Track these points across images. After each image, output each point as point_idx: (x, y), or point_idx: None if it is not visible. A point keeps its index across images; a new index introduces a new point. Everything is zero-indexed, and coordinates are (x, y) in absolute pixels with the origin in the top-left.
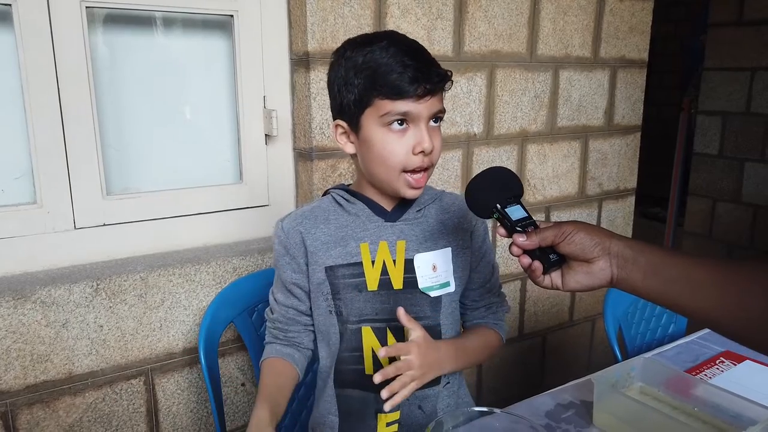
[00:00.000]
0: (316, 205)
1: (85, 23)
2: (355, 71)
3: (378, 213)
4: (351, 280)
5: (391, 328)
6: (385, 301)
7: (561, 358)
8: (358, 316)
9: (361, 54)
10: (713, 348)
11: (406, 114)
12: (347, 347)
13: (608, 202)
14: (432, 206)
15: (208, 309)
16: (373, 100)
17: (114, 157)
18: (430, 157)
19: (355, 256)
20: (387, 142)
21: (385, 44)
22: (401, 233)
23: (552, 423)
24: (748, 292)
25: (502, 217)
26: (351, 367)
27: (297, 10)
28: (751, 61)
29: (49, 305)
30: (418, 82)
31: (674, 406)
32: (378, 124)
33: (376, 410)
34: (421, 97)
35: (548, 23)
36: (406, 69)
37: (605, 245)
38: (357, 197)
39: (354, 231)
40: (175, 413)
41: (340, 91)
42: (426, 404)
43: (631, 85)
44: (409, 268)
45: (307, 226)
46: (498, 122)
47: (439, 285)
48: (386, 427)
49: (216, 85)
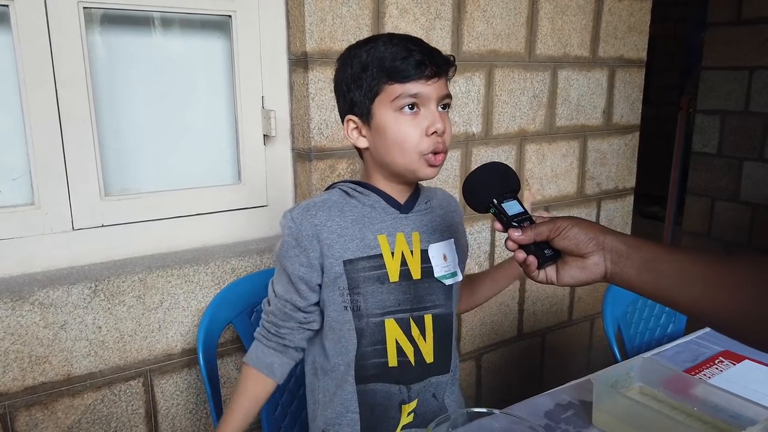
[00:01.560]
0: (326, 197)
1: (82, 24)
2: (362, 66)
3: (392, 205)
4: (372, 273)
5: (414, 318)
6: (407, 292)
7: (560, 358)
8: (380, 309)
9: (364, 51)
10: (712, 348)
11: (416, 96)
12: (369, 342)
13: (607, 202)
14: (434, 200)
15: (207, 310)
16: (383, 87)
17: (112, 157)
18: (443, 138)
19: (374, 248)
20: (401, 126)
21: (387, 38)
22: (415, 225)
23: (551, 423)
24: (741, 288)
25: (499, 212)
26: (373, 361)
27: (295, 11)
28: (749, 60)
29: (48, 307)
30: (425, 65)
31: (673, 406)
32: (390, 109)
33: (400, 402)
34: (429, 78)
35: (547, 23)
36: (412, 53)
37: (599, 240)
38: (369, 189)
39: (371, 223)
40: (174, 414)
41: (349, 89)
42: (439, 392)
43: (629, 85)
44: (425, 258)
45: (322, 218)
46: (497, 122)
47: (450, 274)
48: (407, 416)
49: (214, 86)
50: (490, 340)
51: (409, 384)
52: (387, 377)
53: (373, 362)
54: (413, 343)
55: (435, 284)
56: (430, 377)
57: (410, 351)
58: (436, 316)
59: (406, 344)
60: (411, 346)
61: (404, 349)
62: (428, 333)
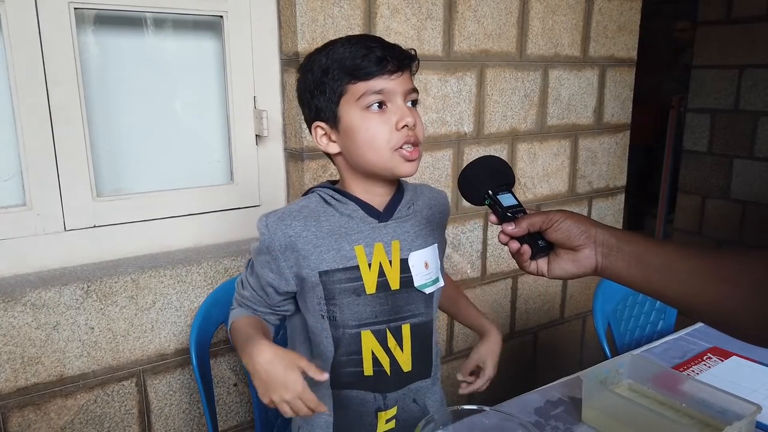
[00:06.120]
0: (303, 204)
1: (73, 24)
2: (322, 70)
3: (371, 214)
4: (348, 285)
5: (391, 329)
6: (384, 303)
7: (552, 356)
8: (356, 320)
9: (323, 55)
10: (701, 344)
11: (381, 92)
12: (345, 351)
13: (598, 200)
14: (419, 201)
15: (200, 310)
16: (346, 87)
17: (104, 158)
18: (415, 131)
19: (350, 259)
20: (369, 125)
21: (345, 40)
22: (395, 233)
23: (541, 420)
24: (730, 282)
25: (494, 204)
26: (349, 369)
27: (287, 11)
28: (739, 58)
29: (40, 307)
30: (386, 60)
31: (662, 402)
32: (357, 108)
33: (376, 409)
34: (392, 72)
35: (537, 23)
36: (372, 50)
37: (591, 233)
38: (347, 197)
39: (348, 233)
40: (167, 414)
41: (313, 95)
42: (419, 397)
43: (620, 84)
44: (404, 267)
45: (297, 229)
46: (488, 121)
47: (431, 281)
48: (385, 423)
49: (206, 86)
50: None
51: (384, 392)
52: (362, 385)
53: (349, 371)
54: (389, 354)
55: (414, 294)
56: (409, 384)
57: (386, 361)
58: (415, 325)
59: (382, 355)
60: (387, 357)
61: (380, 359)
62: (406, 343)
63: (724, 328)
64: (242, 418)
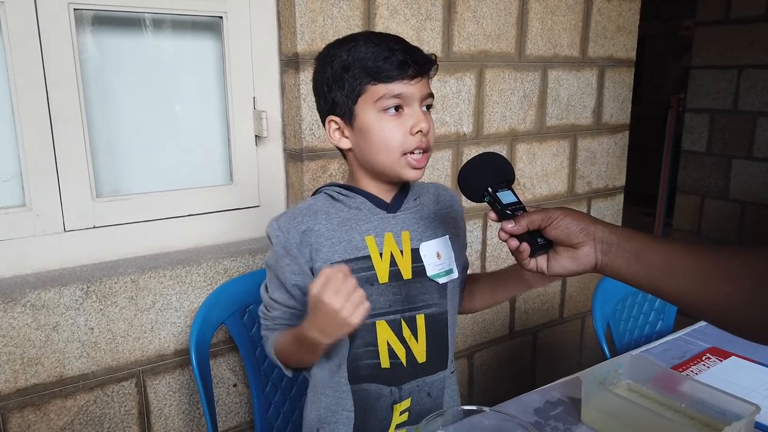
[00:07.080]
0: (311, 202)
1: (73, 25)
2: (343, 66)
3: (379, 206)
4: (361, 274)
5: (405, 319)
6: (397, 293)
7: (552, 356)
8: (371, 311)
9: (345, 50)
10: (700, 344)
11: (400, 96)
12: (361, 343)
13: (597, 201)
14: (424, 196)
15: (200, 310)
16: (366, 87)
17: (104, 159)
18: (428, 137)
19: (362, 249)
20: (385, 127)
21: (367, 37)
22: (404, 224)
23: (541, 420)
24: (731, 279)
25: (493, 201)
26: (366, 362)
27: (286, 12)
28: (737, 59)
29: (39, 308)
30: (407, 64)
31: (661, 403)
32: (374, 110)
33: (392, 402)
34: (412, 78)
35: (536, 23)
36: (394, 53)
37: (590, 231)
38: (354, 191)
39: (357, 224)
40: (167, 415)
41: (330, 89)
42: (434, 390)
43: (619, 84)
44: (416, 257)
45: (309, 224)
46: (487, 122)
47: (444, 272)
48: (399, 415)
49: (206, 87)
50: (482, 339)
51: (399, 385)
52: (380, 378)
53: (366, 363)
54: (405, 345)
55: (428, 283)
56: (424, 377)
57: (402, 352)
58: (429, 315)
59: (398, 346)
60: (403, 348)
61: (396, 351)
62: (420, 333)
63: (725, 325)
64: (242, 419)
